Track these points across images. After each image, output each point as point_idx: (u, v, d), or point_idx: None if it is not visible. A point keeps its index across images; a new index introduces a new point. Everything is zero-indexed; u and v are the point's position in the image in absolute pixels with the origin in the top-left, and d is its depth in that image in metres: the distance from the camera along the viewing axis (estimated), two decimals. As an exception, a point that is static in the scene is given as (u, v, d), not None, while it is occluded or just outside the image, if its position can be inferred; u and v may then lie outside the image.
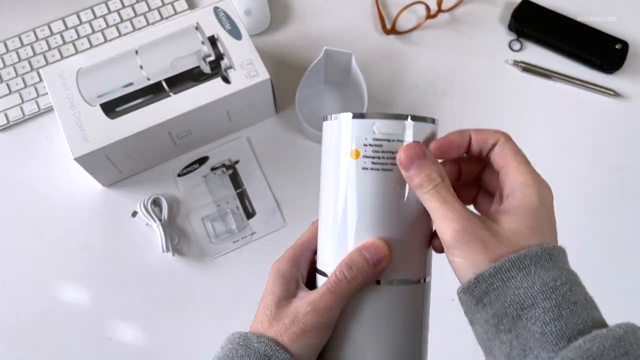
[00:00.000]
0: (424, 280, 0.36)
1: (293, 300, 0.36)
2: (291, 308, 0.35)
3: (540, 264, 0.30)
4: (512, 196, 0.33)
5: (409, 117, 0.34)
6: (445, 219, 0.32)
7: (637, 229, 0.69)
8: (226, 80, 0.66)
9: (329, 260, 0.36)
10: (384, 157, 0.33)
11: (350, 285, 0.34)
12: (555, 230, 0.34)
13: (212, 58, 0.67)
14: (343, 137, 0.34)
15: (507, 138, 0.35)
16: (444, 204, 0.32)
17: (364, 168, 0.34)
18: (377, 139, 0.33)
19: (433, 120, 0.35)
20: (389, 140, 0.33)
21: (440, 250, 0.35)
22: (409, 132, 0.34)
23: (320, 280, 0.36)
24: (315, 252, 0.38)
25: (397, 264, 0.34)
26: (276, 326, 0.35)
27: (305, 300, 0.35)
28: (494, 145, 0.35)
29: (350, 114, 0.34)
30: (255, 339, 0.34)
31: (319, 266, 0.37)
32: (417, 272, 0.36)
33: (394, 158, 0.33)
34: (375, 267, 0.33)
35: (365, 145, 0.33)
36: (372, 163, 0.33)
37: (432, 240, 0.36)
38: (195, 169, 0.72)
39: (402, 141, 0.33)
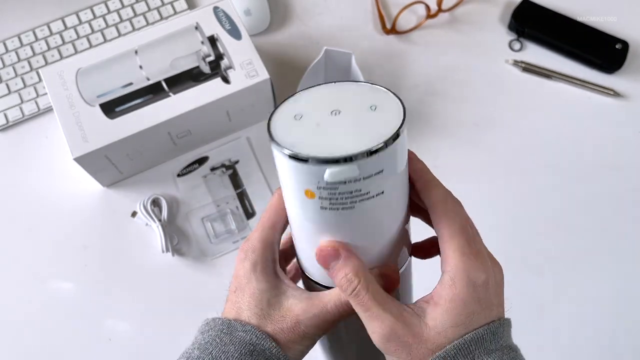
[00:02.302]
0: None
1: (283, 298, 0.34)
2: (288, 311, 0.34)
3: (484, 347, 0.30)
4: (441, 282, 0.31)
5: (355, 156, 0.27)
6: (368, 325, 0.31)
7: (637, 229, 0.69)
8: (226, 80, 0.66)
9: (313, 271, 0.35)
10: (342, 198, 0.29)
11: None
12: (499, 302, 0.32)
13: (212, 58, 0.67)
14: (293, 175, 0.29)
15: (446, 198, 0.32)
16: (365, 311, 0.31)
17: (322, 208, 0.29)
18: (330, 183, 0.28)
19: (386, 144, 0.27)
20: (344, 182, 0.28)
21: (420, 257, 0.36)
22: (364, 169, 0.28)
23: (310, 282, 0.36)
24: (282, 231, 0.37)
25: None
26: (271, 325, 0.34)
27: (308, 308, 0.34)
28: (436, 203, 0.32)
29: (292, 157, 0.27)
30: (240, 327, 0.33)
31: (307, 273, 0.36)
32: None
33: (354, 196, 0.29)
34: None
35: (320, 188, 0.28)
36: (331, 204, 0.29)
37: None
38: (195, 169, 0.72)
39: (359, 180, 0.28)
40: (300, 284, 0.38)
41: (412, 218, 0.35)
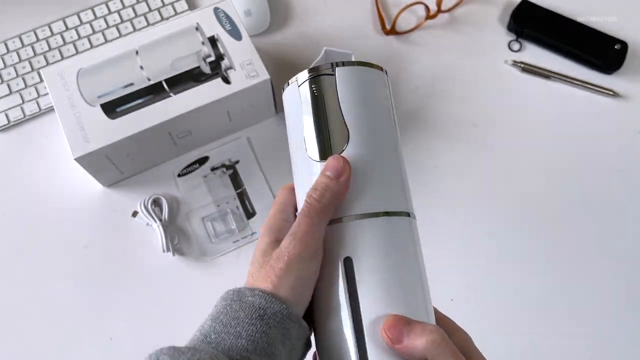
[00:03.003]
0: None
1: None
2: (277, 249, 0.34)
3: None
4: None
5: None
6: None
7: (638, 229, 0.69)
8: (226, 80, 0.66)
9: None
10: None
11: (320, 203, 0.33)
12: None
13: (212, 58, 0.67)
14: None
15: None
16: None
17: None
18: None
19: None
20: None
21: None
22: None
23: None
24: (294, 207, 0.38)
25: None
26: (264, 271, 0.34)
27: (286, 236, 0.34)
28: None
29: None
30: (249, 292, 0.33)
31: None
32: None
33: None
34: (338, 179, 0.33)
35: None
36: None
37: None
38: (195, 169, 0.73)
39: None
40: None
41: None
